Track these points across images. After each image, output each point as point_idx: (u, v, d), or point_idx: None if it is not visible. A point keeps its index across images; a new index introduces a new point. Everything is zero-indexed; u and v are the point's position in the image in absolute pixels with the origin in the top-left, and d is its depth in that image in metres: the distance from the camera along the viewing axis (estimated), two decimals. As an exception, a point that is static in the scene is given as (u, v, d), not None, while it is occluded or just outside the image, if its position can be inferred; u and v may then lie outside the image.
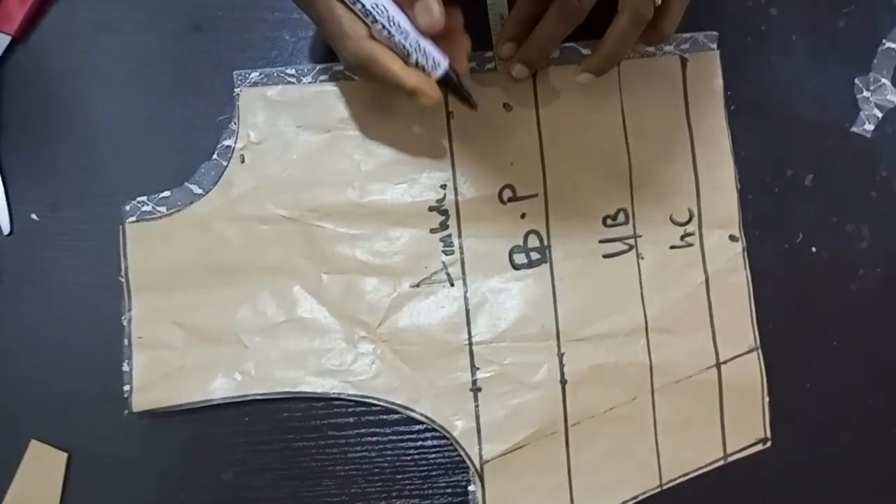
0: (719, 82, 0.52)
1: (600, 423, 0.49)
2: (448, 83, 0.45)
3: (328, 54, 0.52)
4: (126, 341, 0.49)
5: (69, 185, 0.51)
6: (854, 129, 0.54)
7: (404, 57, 0.43)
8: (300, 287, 0.50)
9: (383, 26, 0.42)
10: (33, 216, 0.51)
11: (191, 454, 0.49)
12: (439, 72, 0.44)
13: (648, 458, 0.49)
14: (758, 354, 0.50)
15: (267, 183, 0.50)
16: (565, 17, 0.44)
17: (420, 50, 0.43)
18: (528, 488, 0.48)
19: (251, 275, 0.50)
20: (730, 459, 0.49)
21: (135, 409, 0.48)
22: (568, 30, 0.45)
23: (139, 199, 0.51)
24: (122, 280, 0.50)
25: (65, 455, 0.48)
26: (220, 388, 0.49)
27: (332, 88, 0.51)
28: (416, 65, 0.43)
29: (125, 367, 0.49)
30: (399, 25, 0.42)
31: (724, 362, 0.50)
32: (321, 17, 0.42)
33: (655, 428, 0.49)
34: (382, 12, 0.41)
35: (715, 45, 0.53)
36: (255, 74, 0.52)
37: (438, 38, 0.44)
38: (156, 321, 0.49)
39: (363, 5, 0.41)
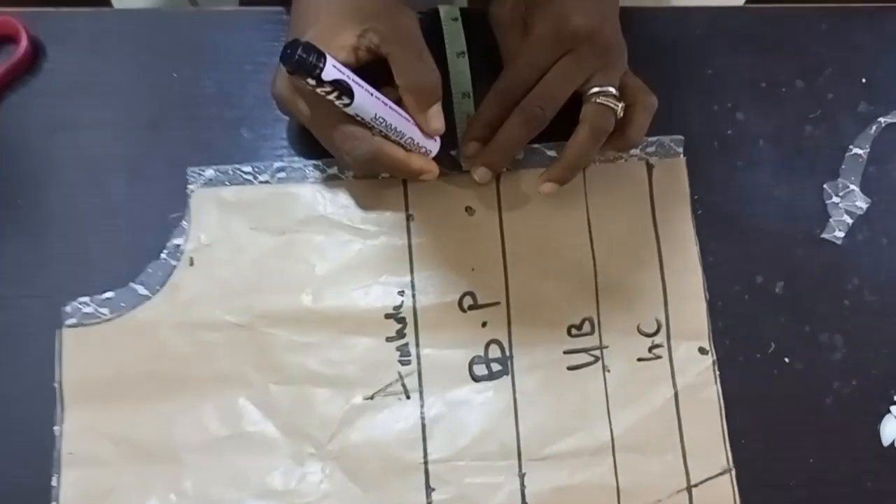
0: (685, 188, 0.47)
1: (564, 552, 0.41)
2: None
3: (287, 150, 0.47)
4: (56, 455, 0.42)
5: (11, 286, 0.45)
6: (824, 235, 0.48)
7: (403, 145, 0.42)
8: (246, 398, 0.43)
9: (381, 131, 0.41)
10: (-30, 317, 0.44)
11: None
12: (434, 152, 0.43)
13: None
14: (730, 476, 0.43)
15: (216, 287, 0.44)
16: (528, 123, 0.41)
17: (414, 142, 0.42)
18: None
19: (195, 385, 0.43)
20: (703, 592, 0.42)
21: (61, 534, 0.40)
22: (531, 135, 0.42)
23: (80, 299, 0.44)
24: (56, 388, 0.42)
25: (-16, 580, 0.40)
26: (154, 510, 0.41)
27: (287, 190, 0.45)
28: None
29: (53, 483, 0.41)
30: (395, 129, 0.41)
31: (696, 485, 0.43)
32: (328, 128, 0.41)
33: (624, 559, 0.42)
34: (381, 122, 0.41)
35: (681, 149, 0.48)
36: (209, 171, 0.46)
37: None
38: (89, 436, 0.42)
39: (364, 119, 0.40)
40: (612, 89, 0.42)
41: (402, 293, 0.44)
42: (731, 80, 0.49)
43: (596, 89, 0.42)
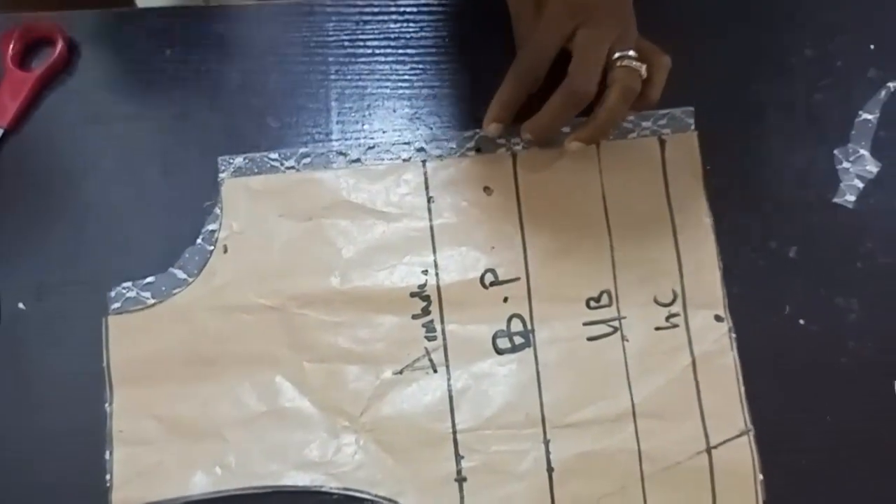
0: (698, 162, 0.44)
1: (589, 515, 0.39)
2: None
3: (310, 137, 0.45)
4: (107, 432, 0.41)
5: (55, 273, 0.43)
6: (836, 199, 0.45)
7: None
8: (282, 377, 0.41)
9: None
10: (20, 305, 0.42)
11: (172, 548, 0.40)
12: None
13: (640, 553, 0.39)
14: (749, 437, 0.41)
15: (249, 272, 0.42)
16: (572, 104, 0.39)
17: None
18: (516, 585, 0.39)
19: (232, 366, 0.41)
20: (724, 550, 0.40)
21: (115, 507, 0.39)
22: (576, 111, 0.40)
23: (124, 285, 0.43)
24: (105, 371, 0.41)
25: (47, 550, 0.39)
26: (200, 483, 0.40)
27: (313, 177, 0.44)
28: None
29: (107, 457, 0.40)
30: None
31: (715, 447, 0.41)
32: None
33: (647, 520, 0.39)
34: None
35: (692, 121, 0.45)
36: (239, 159, 0.43)
37: None
38: (136, 415, 0.41)
39: None
40: (632, 53, 0.39)
41: (425, 272, 0.42)
42: (742, 51, 0.46)
43: (619, 54, 0.39)
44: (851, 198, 0.45)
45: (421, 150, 0.44)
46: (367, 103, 0.46)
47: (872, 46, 0.47)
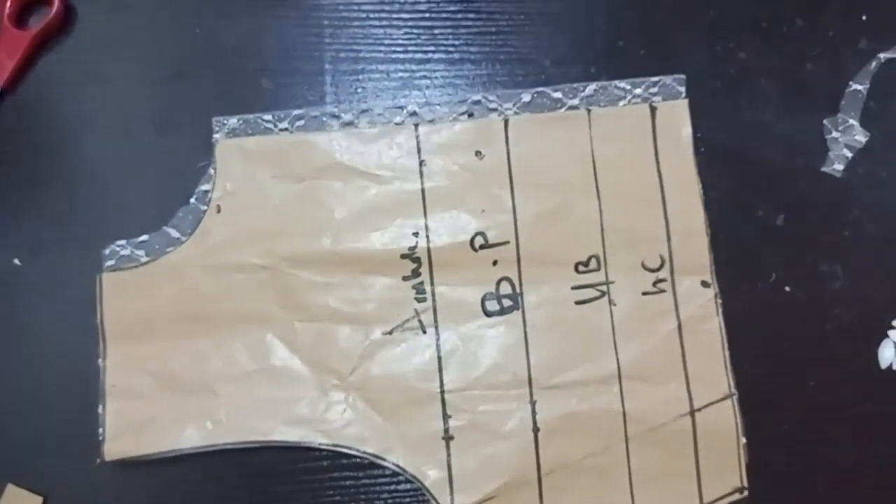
0: (688, 130, 0.43)
1: (574, 474, 0.39)
2: None
3: (304, 100, 0.44)
4: (100, 386, 0.40)
5: (50, 230, 0.43)
6: (824, 168, 0.44)
7: None
8: (273, 335, 0.40)
9: None
10: (15, 261, 0.41)
11: (162, 500, 0.40)
12: None
13: (623, 511, 0.38)
14: (732, 401, 0.40)
15: (242, 232, 0.41)
16: None
17: None
18: (500, 541, 0.38)
19: (224, 323, 0.40)
20: (706, 510, 0.39)
21: (107, 459, 0.39)
22: None
23: (118, 243, 0.42)
24: (98, 327, 0.41)
25: (39, 499, 0.40)
26: (191, 437, 0.39)
27: (306, 139, 0.43)
28: None
29: (100, 410, 0.40)
30: None
31: (699, 409, 0.40)
32: None
33: (630, 478, 0.39)
34: None
35: (683, 89, 0.43)
36: (233, 121, 0.42)
37: None
38: (128, 370, 0.40)
39: None
40: None
41: (416, 234, 0.41)
42: (733, 20, 0.45)
43: None
44: (840, 167, 0.43)
45: (413, 114, 0.43)
46: (361, 67, 0.44)
47: (864, 17, 0.45)
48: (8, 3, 0.44)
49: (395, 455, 0.39)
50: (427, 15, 0.45)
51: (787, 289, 0.42)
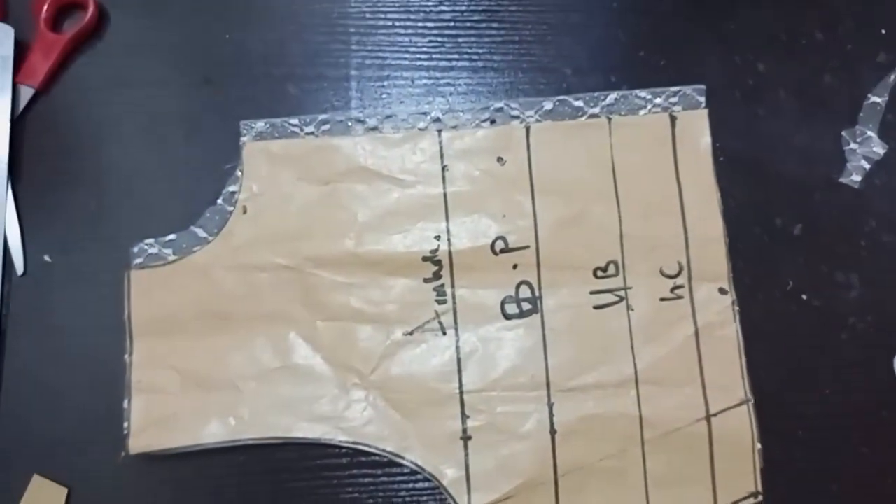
0: (707, 139, 0.44)
1: (589, 476, 0.39)
2: None
3: (329, 105, 0.45)
4: (126, 381, 0.41)
5: (80, 228, 0.44)
6: (842, 179, 0.44)
7: None
8: (295, 334, 0.41)
9: None
10: (46, 258, 0.43)
11: (185, 494, 0.41)
12: None
13: (638, 514, 0.39)
14: (748, 407, 0.40)
15: (266, 233, 0.42)
16: None
17: None
18: (516, 541, 0.39)
19: (248, 322, 0.41)
20: (721, 515, 0.39)
21: (131, 452, 0.40)
22: None
23: (146, 241, 0.43)
24: (126, 323, 0.42)
25: (65, 490, 0.40)
26: (214, 433, 0.40)
27: (330, 143, 0.43)
28: None
29: (125, 405, 0.41)
30: None
31: (715, 415, 0.40)
32: None
33: (646, 481, 0.40)
34: None
35: (703, 98, 0.44)
36: (260, 124, 0.43)
37: None
38: (154, 366, 0.41)
39: None
40: None
41: (438, 238, 0.41)
42: (753, 32, 0.45)
43: None
44: (857, 178, 0.44)
45: (437, 120, 0.44)
46: (387, 73, 0.45)
47: (883, 31, 0.46)
48: (45, 8, 0.45)
49: (413, 454, 0.40)
50: (451, 24, 0.46)
51: (804, 297, 0.43)
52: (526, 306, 0.41)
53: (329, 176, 0.42)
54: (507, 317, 0.41)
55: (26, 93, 0.45)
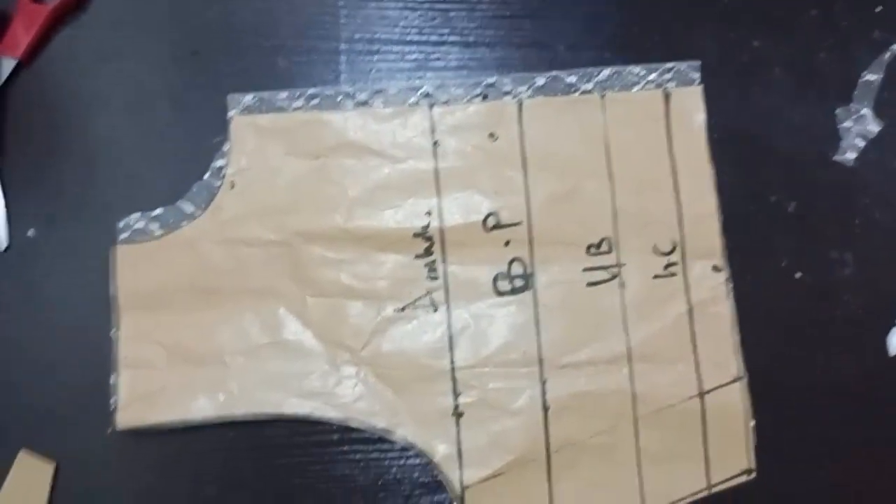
0: (702, 116, 0.43)
1: (582, 452, 0.39)
2: None
3: (319, 78, 0.44)
4: (113, 356, 0.40)
5: (65, 202, 0.43)
6: (836, 157, 0.44)
7: None
8: (285, 309, 0.40)
9: None
10: (30, 232, 0.42)
11: (173, 469, 0.40)
12: None
13: (630, 489, 0.39)
14: (741, 384, 0.40)
15: (255, 207, 0.42)
16: None
17: None
18: (508, 516, 0.38)
19: (236, 297, 0.41)
20: (714, 490, 0.39)
21: (119, 428, 0.39)
22: None
23: (132, 216, 0.42)
24: (112, 298, 0.41)
25: (52, 465, 0.40)
26: (202, 408, 0.40)
27: (320, 117, 0.43)
28: None
29: (112, 380, 0.40)
30: None
31: (708, 392, 0.40)
32: None
33: (638, 458, 0.39)
34: None
35: (697, 75, 0.44)
36: (248, 98, 0.43)
37: None
38: (141, 341, 0.40)
39: None
40: None
41: (429, 214, 0.41)
42: (748, 8, 0.45)
43: None
44: (852, 156, 0.44)
45: (427, 95, 0.43)
46: (377, 48, 0.45)
47: (878, 9, 0.46)
48: (26, -23, 0.44)
49: (404, 430, 0.39)
50: (443, -3, 0.45)
51: (798, 275, 0.43)
52: (518, 283, 0.41)
53: (318, 150, 0.42)
54: (499, 293, 0.41)
55: (8, 64, 0.44)
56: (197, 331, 0.40)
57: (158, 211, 0.42)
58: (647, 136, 0.43)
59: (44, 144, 0.44)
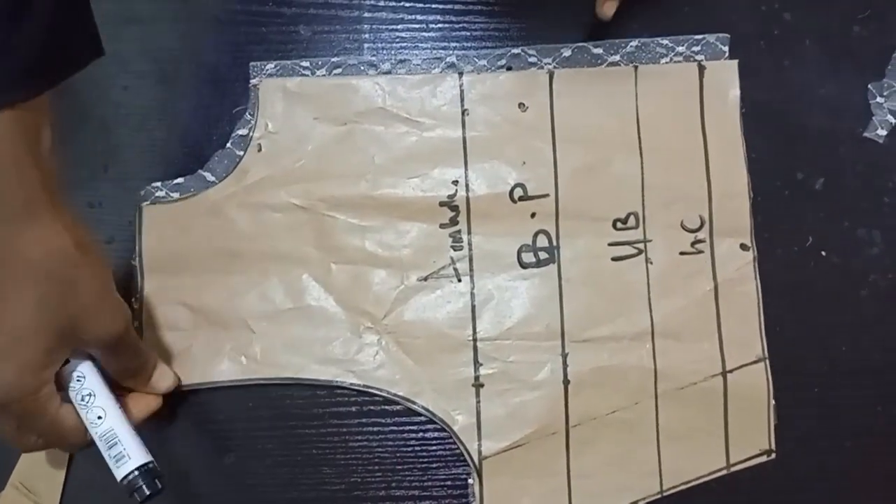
0: (736, 92, 0.42)
1: (601, 427, 0.39)
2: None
3: (342, 48, 0.44)
4: (136, 323, 0.40)
5: (86, 169, 0.42)
6: (866, 134, 0.43)
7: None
8: (308, 275, 0.40)
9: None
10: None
11: (193, 437, 0.40)
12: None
13: (649, 465, 0.39)
14: (765, 365, 0.40)
15: (281, 172, 0.41)
16: None
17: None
18: (526, 488, 0.39)
19: (260, 261, 0.40)
20: (733, 469, 0.39)
21: (142, 390, 0.38)
22: None
23: (153, 184, 0.42)
24: (135, 262, 0.41)
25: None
26: (226, 370, 0.40)
27: (350, 82, 0.42)
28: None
29: (137, 343, 0.39)
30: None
31: (731, 371, 0.40)
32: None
33: (658, 434, 0.39)
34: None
35: (727, 48, 0.43)
36: (270, 66, 0.42)
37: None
38: (165, 302, 0.40)
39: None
40: None
41: (455, 183, 0.40)
42: (782, -19, 0.43)
43: None
44: (882, 132, 0.43)
45: (451, 65, 0.42)
46: (401, 17, 0.44)
47: (917, -17, 0.44)
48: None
49: (424, 399, 0.39)
50: (469, -35, 0.44)
51: (823, 253, 0.42)
52: (543, 256, 0.41)
53: (346, 116, 0.41)
54: (523, 265, 0.41)
55: (33, 26, 0.43)
56: (221, 294, 0.40)
57: (179, 180, 0.42)
58: (679, 109, 0.42)
59: (63, 110, 0.43)
